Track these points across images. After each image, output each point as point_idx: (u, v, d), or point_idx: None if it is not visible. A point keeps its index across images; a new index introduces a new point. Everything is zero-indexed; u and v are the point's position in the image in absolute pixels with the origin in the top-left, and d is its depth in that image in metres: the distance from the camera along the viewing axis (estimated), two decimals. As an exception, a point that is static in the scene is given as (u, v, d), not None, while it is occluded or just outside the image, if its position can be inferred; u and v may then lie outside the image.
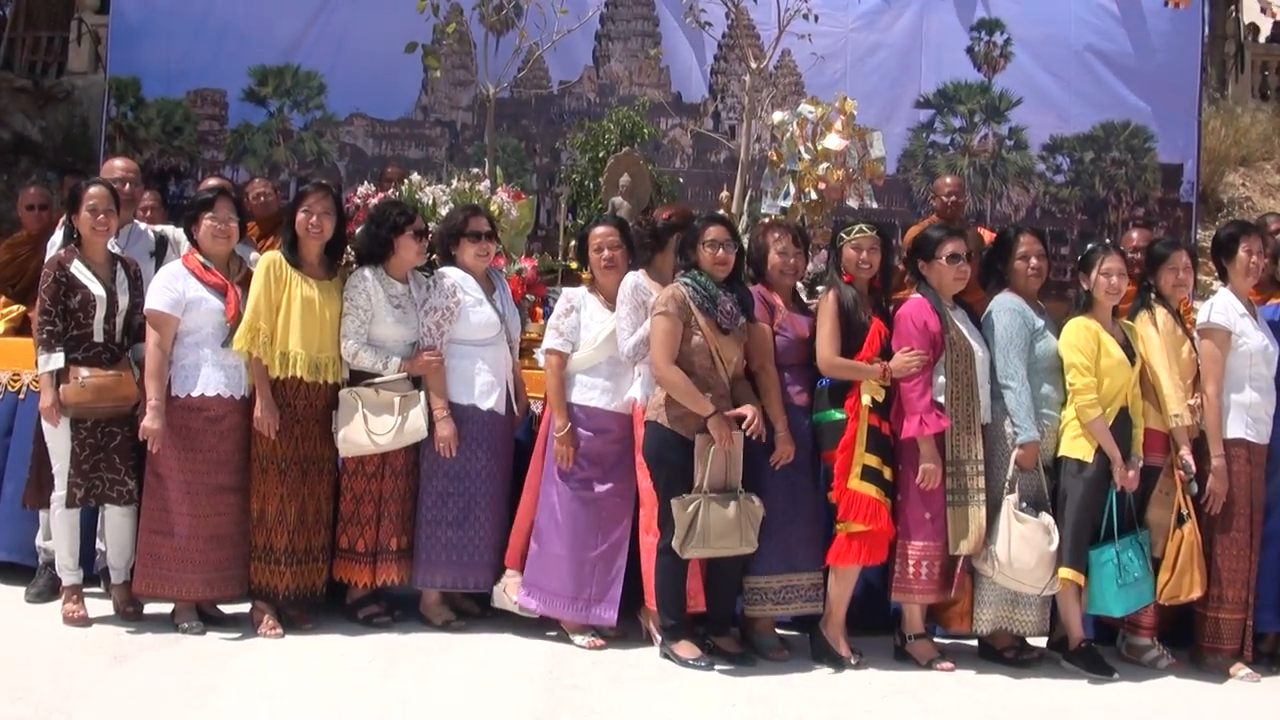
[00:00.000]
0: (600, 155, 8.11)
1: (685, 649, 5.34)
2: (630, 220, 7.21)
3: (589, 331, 5.63)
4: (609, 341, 5.57)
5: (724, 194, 7.58)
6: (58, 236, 5.99)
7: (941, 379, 5.49)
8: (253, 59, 10.25)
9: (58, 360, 5.47)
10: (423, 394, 5.69)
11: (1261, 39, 17.14)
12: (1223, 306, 5.74)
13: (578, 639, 5.57)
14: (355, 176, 10.00)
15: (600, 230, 5.79)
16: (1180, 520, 5.59)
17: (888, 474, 5.44)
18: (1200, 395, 5.77)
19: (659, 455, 5.35)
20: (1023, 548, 5.39)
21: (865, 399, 5.42)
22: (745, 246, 5.77)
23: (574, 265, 6.40)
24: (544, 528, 5.63)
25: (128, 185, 6.29)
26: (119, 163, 6.57)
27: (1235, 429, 5.68)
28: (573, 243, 6.48)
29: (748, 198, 7.59)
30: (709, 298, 5.30)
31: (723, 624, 5.52)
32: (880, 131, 7.14)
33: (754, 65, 7.96)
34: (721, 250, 5.36)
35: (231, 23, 10.29)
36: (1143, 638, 5.79)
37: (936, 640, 5.73)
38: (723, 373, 5.35)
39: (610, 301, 5.65)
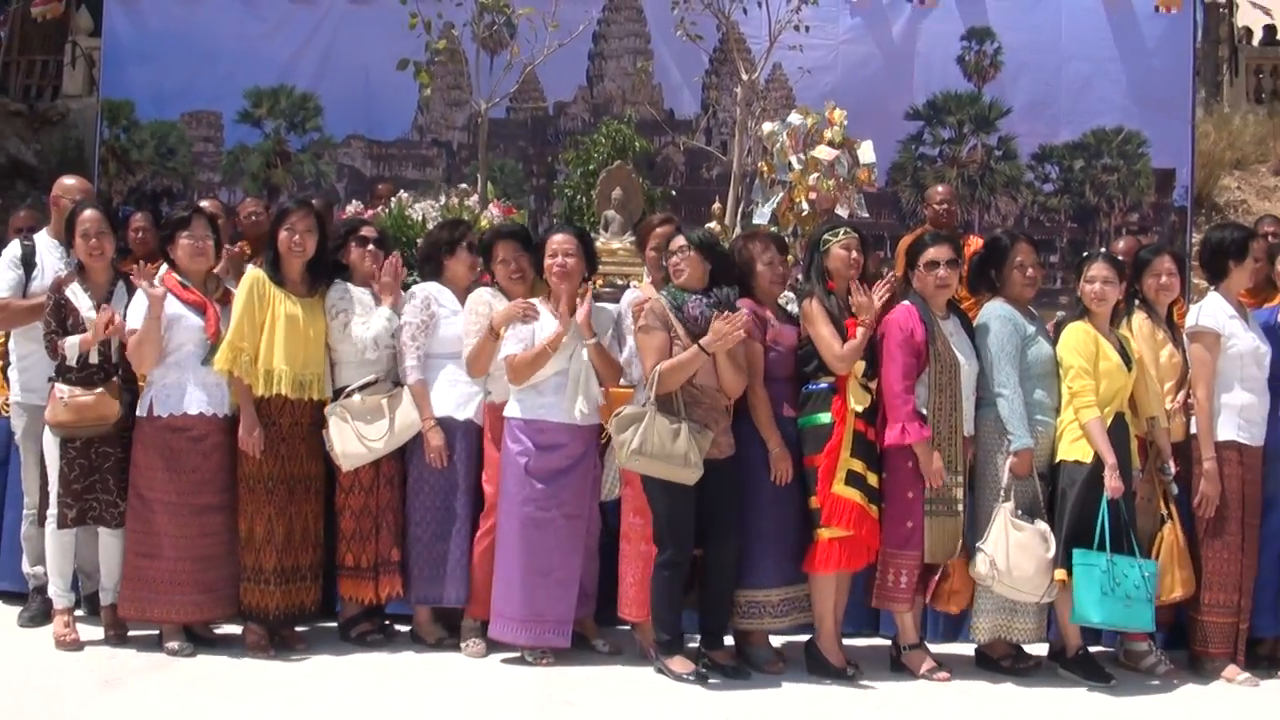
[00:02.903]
0: (592, 169, 8.10)
1: (679, 664, 5.31)
2: (622, 233, 7.25)
3: (541, 340, 5.51)
4: (561, 353, 5.47)
5: (715, 206, 7.59)
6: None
7: (923, 390, 5.47)
8: (247, 80, 10.27)
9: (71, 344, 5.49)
10: (407, 391, 5.70)
11: (1255, 42, 17.17)
12: (1211, 309, 5.73)
13: (528, 655, 5.52)
14: (354, 197, 9.94)
15: (560, 237, 5.67)
16: (1161, 521, 5.59)
17: (873, 480, 5.40)
18: (1183, 398, 5.77)
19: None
20: (1020, 556, 5.37)
21: (852, 404, 5.40)
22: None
23: None
24: (500, 550, 5.55)
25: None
26: (69, 181, 6.47)
27: (1226, 431, 5.66)
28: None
29: (740, 210, 7.61)
30: (677, 306, 5.29)
31: (716, 636, 5.48)
32: (870, 140, 7.15)
33: (745, 78, 7.97)
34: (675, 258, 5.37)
35: (224, 44, 10.31)
36: (1139, 643, 5.76)
37: (933, 650, 5.71)
38: (708, 379, 5.29)
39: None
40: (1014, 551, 5.37)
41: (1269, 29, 17.19)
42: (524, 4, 8.46)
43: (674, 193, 9.36)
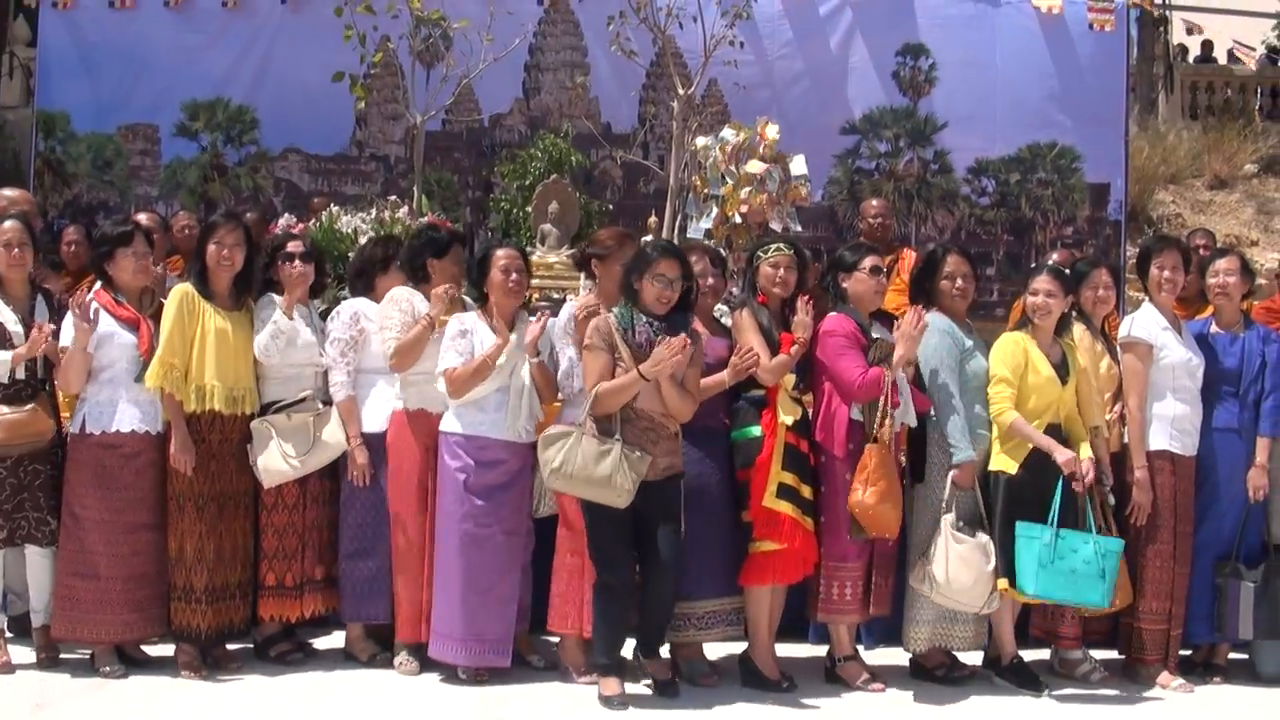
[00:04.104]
0: (528, 183, 8.10)
1: (606, 686, 5.22)
2: (559, 247, 7.25)
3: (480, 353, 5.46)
4: (501, 370, 5.44)
5: (652, 220, 7.60)
6: None
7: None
8: (184, 93, 10.10)
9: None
10: (335, 410, 5.67)
11: (1190, 59, 17.48)
12: (1144, 321, 5.81)
13: (462, 672, 5.49)
14: (291, 212, 9.86)
15: (506, 252, 5.62)
16: (1098, 531, 5.63)
17: (806, 492, 5.41)
18: (1120, 409, 5.85)
19: None
20: (960, 568, 5.41)
21: (782, 416, 5.40)
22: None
23: None
24: (438, 569, 5.51)
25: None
26: (10, 193, 6.43)
27: (1159, 441, 5.74)
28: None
29: (676, 224, 7.63)
30: (624, 328, 5.18)
31: (652, 646, 5.40)
32: (801, 155, 7.19)
33: (681, 93, 8.01)
34: (669, 290, 5.19)
35: (161, 56, 10.14)
36: (1073, 650, 5.84)
37: (868, 659, 5.75)
38: (652, 403, 5.17)
39: (505, 327, 5.51)
40: (955, 563, 5.41)
41: (1206, 44, 17.52)
42: (459, 17, 8.45)
43: (610, 207, 9.34)
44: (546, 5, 10.19)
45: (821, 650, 5.80)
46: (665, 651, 5.51)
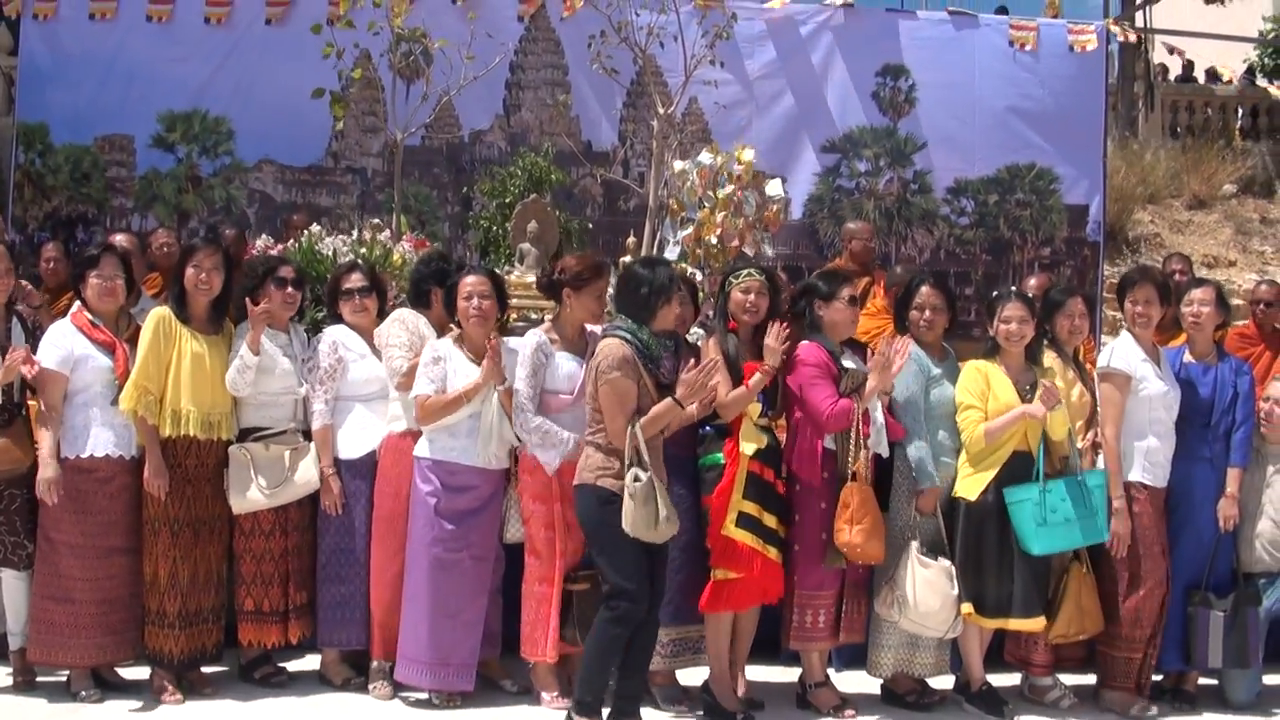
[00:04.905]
0: (508, 201, 8.09)
1: None
2: (538, 267, 7.23)
3: (454, 384, 5.45)
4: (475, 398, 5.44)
5: (630, 240, 7.61)
6: None
7: None
8: (160, 104, 10.05)
9: None
10: (313, 446, 5.67)
11: (1172, 78, 17.56)
12: (1124, 352, 5.81)
13: (435, 698, 5.50)
14: (264, 223, 9.88)
15: (472, 279, 5.56)
16: (1070, 559, 5.69)
17: (769, 522, 5.38)
18: (1093, 437, 5.87)
19: (601, 518, 4.95)
20: (927, 592, 5.44)
21: (745, 446, 5.37)
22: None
23: None
24: (407, 592, 5.52)
25: None
26: None
27: (1135, 472, 5.76)
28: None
29: (655, 243, 7.64)
30: (650, 356, 5.04)
31: (633, 701, 5.19)
32: (779, 178, 7.21)
33: (661, 112, 8.03)
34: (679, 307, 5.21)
35: (139, 67, 10.09)
36: (1043, 677, 5.87)
37: (838, 684, 5.77)
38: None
39: (477, 355, 5.49)
40: (920, 588, 5.44)
41: (1188, 64, 17.60)
42: (440, 35, 8.44)
43: (590, 225, 9.35)
44: (528, 23, 10.19)
45: (794, 672, 5.80)
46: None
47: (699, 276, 6.91)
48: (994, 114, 10.19)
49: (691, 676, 5.68)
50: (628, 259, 7.31)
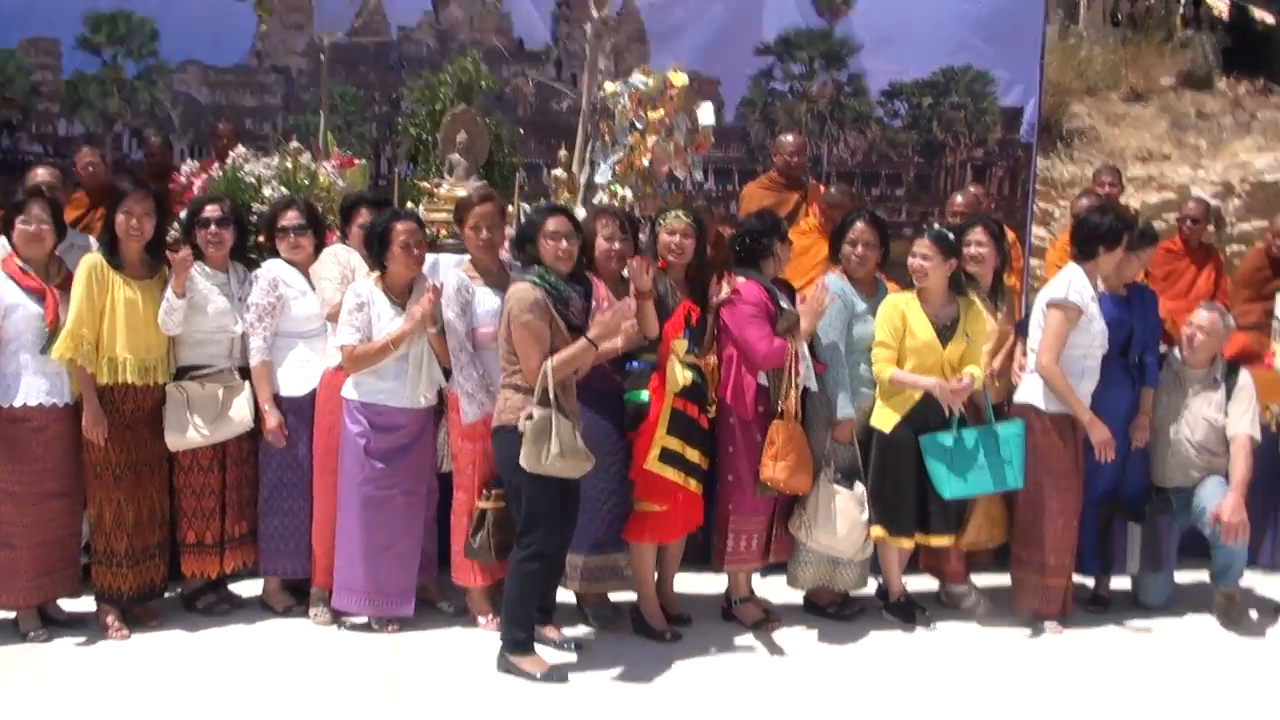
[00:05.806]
0: (438, 108, 7.96)
1: (531, 664, 5.19)
2: (467, 178, 7.18)
3: (379, 328, 5.51)
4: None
5: (562, 152, 7.56)
6: None
7: None
8: (86, 4, 9.81)
9: None
10: (248, 384, 5.71)
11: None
12: (1080, 286, 5.82)
13: (374, 622, 5.66)
14: (188, 126, 9.77)
15: (405, 225, 5.56)
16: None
17: (692, 456, 5.49)
18: (1000, 364, 6.06)
19: (516, 457, 4.97)
20: (836, 518, 5.68)
21: (671, 383, 5.39)
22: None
23: None
24: (340, 527, 5.63)
25: None
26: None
27: (1047, 401, 5.84)
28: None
29: (587, 153, 7.57)
30: (560, 298, 5.09)
31: (547, 612, 5.56)
32: (709, 103, 7.18)
33: (595, 15, 7.92)
34: (565, 242, 5.10)
35: (63, -35, 9.81)
36: (958, 584, 6.17)
37: (761, 595, 6.04)
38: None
39: (400, 297, 5.58)
40: (829, 513, 5.68)
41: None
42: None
43: (521, 131, 9.24)
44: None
45: (721, 580, 6.02)
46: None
47: (629, 196, 6.94)
48: (930, 15, 10.06)
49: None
50: (558, 171, 7.33)
